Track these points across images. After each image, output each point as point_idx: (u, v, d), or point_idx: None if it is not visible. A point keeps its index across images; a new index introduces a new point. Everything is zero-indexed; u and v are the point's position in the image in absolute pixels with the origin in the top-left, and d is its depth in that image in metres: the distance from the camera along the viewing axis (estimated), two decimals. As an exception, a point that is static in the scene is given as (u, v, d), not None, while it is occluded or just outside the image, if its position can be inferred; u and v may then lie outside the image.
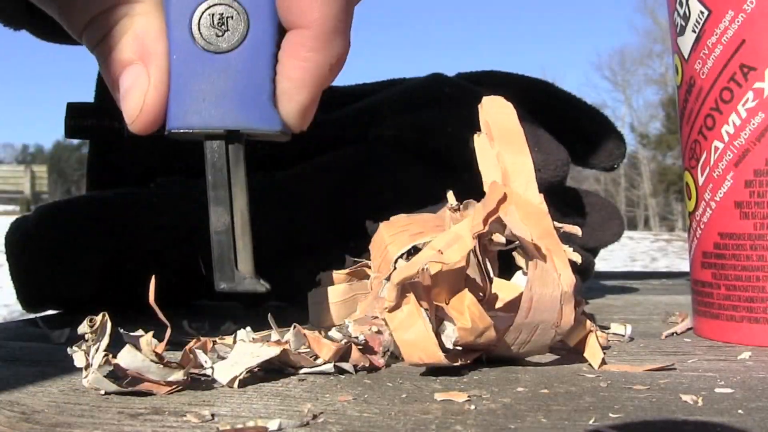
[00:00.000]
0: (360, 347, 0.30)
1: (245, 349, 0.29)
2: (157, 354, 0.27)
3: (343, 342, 0.30)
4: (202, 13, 0.29)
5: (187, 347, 0.29)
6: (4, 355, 0.34)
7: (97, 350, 0.27)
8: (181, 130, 0.29)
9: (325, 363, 0.29)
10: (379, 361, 0.30)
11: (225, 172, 0.30)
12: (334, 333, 0.31)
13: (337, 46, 0.29)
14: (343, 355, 0.30)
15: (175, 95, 0.29)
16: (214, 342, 0.31)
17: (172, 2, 0.29)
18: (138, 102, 0.29)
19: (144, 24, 0.29)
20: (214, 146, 0.30)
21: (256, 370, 0.28)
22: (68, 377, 0.29)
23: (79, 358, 0.27)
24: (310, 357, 0.30)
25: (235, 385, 0.27)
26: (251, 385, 0.28)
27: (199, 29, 0.29)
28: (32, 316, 0.46)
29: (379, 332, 0.31)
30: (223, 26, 0.29)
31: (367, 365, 0.30)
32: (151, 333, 0.28)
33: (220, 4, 0.29)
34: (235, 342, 0.31)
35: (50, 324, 0.43)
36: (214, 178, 0.30)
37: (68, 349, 0.27)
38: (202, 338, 0.31)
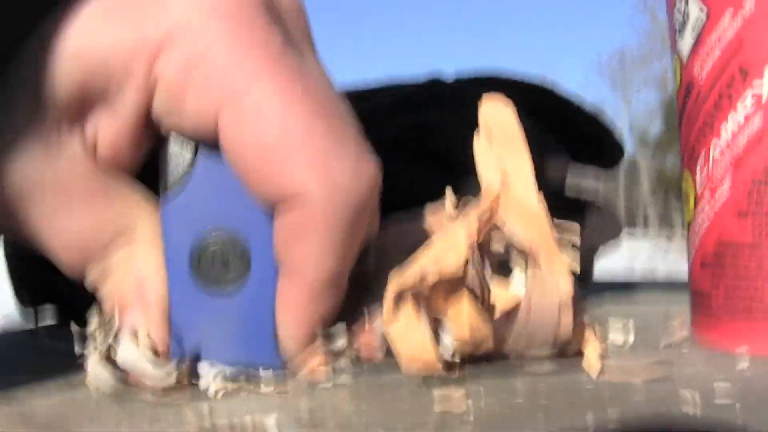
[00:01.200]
0: (353, 345, 0.30)
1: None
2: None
3: (338, 345, 0.30)
4: (202, 253, 0.28)
5: None
6: (3, 355, 0.34)
7: (95, 349, 0.27)
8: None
9: (320, 366, 0.29)
10: (376, 356, 0.30)
11: None
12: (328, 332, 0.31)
13: (331, 298, 0.28)
14: (337, 353, 0.30)
15: (176, 337, 0.28)
16: None
17: (169, 241, 0.28)
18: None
19: (142, 264, 0.28)
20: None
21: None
22: (66, 377, 0.29)
23: (84, 355, 0.27)
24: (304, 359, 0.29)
25: (219, 395, 0.27)
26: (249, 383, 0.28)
27: (199, 269, 0.28)
28: (31, 317, 0.46)
29: (373, 327, 0.31)
30: (224, 267, 0.28)
31: (363, 362, 0.30)
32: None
33: (220, 243, 0.28)
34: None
35: (49, 324, 0.43)
36: None
37: (75, 347, 0.27)
38: None
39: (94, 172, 0.28)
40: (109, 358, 0.27)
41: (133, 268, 0.28)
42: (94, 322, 0.27)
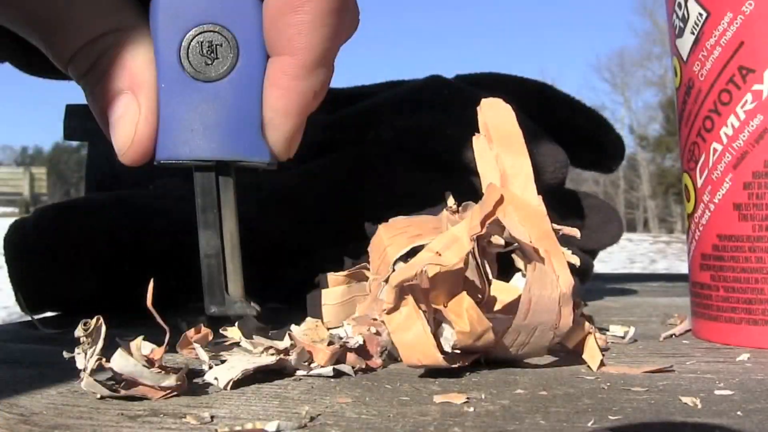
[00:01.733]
0: (355, 349, 0.30)
1: (243, 356, 0.29)
2: (148, 359, 0.27)
3: (338, 346, 0.30)
4: (191, 41, 0.29)
5: (187, 334, 0.29)
6: (3, 356, 0.34)
7: (92, 354, 0.27)
8: (171, 161, 0.29)
9: (322, 367, 0.29)
10: (376, 362, 0.30)
11: (214, 196, 0.30)
12: (332, 332, 0.31)
13: (321, 74, 0.29)
14: (339, 358, 0.30)
15: (164, 125, 0.29)
16: (214, 334, 0.31)
17: (159, 30, 0.29)
18: (129, 133, 0.28)
19: (132, 53, 0.29)
20: (204, 176, 0.30)
21: (252, 372, 0.28)
22: (67, 379, 0.29)
23: (79, 361, 0.27)
24: (306, 362, 0.29)
25: (229, 387, 0.27)
26: (250, 387, 0.28)
27: (188, 57, 0.29)
28: (31, 317, 0.46)
29: (377, 333, 0.31)
30: (212, 54, 0.29)
31: (363, 367, 0.30)
32: (141, 337, 0.28)
33: (210, 32, 0.29)
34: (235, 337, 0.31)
35: (49, 326, 0.43)
36: (204, 202, 0.30)
37: (64, 353, 0.27)
38: (203, 329, 0.31)
39: None
40: (102, 367, 0.27)
41: (123, 58, 0.28)
42: (80, 329, 0.27)
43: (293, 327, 0.32)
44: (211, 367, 0.28)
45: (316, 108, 0.29)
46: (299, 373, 0.29)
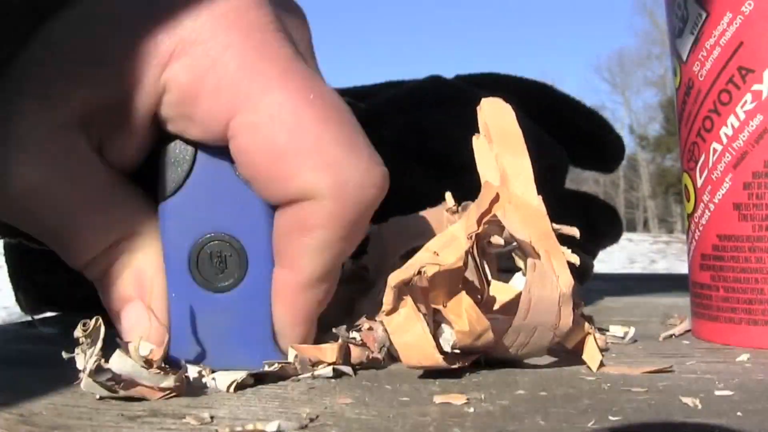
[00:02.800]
0: (357, 344, 0.30)
1: None
2: (146, 360, 0.27)
3: (341, 341, 0.30)
4: (200, 251, 0.29)
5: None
6: (3, 357, 0.34)
7: (91, 354, 0.27)
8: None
9: (325, 367, 0.29)
10: (376, 356, 0.30)
11: None
12: (333, 331, 0.31)
13: (324, 287, 0.29)
14: (344, 355, 0.30)
15: (174, 334, 0.29)
16: None
17: (168, 240, 0.29)
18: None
19: (143, 260, 0.29)
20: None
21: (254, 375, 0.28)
22: (67, 379, 0.29)
23: (79, 361, 0.27)
24: (311, 365, 0.29)
25: (232, 389, 0.27)
26: (250, 388, 0.28)
27: (197, 267, 0.29)
28: (31, 318, 0.46)
29: (370, 329, 0.31)
30: (222, 265, 0.29)
31: (365, 361, 0.30)
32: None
33: (219, 241, 0.29)
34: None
35: (49, 326, 0.43)
36: None
37: (64, 353, 0.27)
38: None
39: (107, 174, 0.28)
40: (101, 368, 0.26)
41: (134, 265, 0.29)
42: (80, 329, 0.27)
43: None
44: (214, 378, 0.28)
45: (323, 309, 0.30)
46: (302, 375, 0.29)
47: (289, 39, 0.28)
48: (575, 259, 0.30)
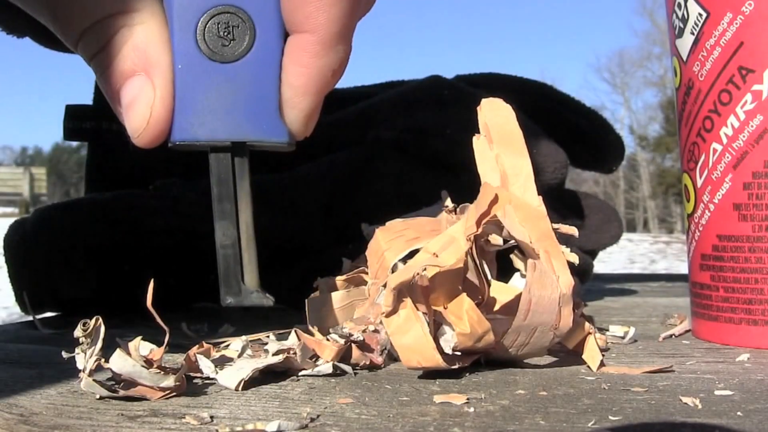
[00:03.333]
0: (358, 345, 0.30)
1: (249, 357, 0.29)
2: (147, 360, 0.27)
3: (342, 342, 0.30)
4: (207, 22, 0.28)
5: (190, 352, 0.29)
6: (3, 357, 0.34)
7: (91, 354, 0.27)
8: (187, 142, 0.29)
9: (325, 363, 0.29)
10: (377, 359, 0.30)
11: (231, 184, 0.30)
12: (333, 334, 0.31)
13: (340, 51, 0.28)
14: (343, 355, 0.30)
15: (180, 106, 0.28)
16: (217, 348, 0.31)
17: (175, 10, 0.28)
18: (144, 115, 0.28)
19: (145, 34, 0.28)
20: (220, 158, 0.29)
21: (261, 371, 0.28)
22: (67, 379, 0.29)
23: (79, 361, 0.27)
24: (311, 359, 0.30)
25: (240, 387, 0.27)
26: (250, 388, 0.28)
27: (204, 38, 0.28)
28: (31, 318, 0.46)
29: (376, 331, 0.31)
30: (228, 35, 0.28)
31: (367, 363, 0.30)
32: (139, 338, 0.28)
33: (226, 13, 0.28)
34: (237, 349, 0.31)
35: (49, 326, 0.43)
36: (220, 191, 0.30)
37: (63, 353, 0.27)
38: (205, 344, 0.30)
39: None
40: (101, 368, 0.26)
41: (135, 38, 0.28)
42: (79, 329, 0.27)
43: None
44: (217, 374, 0.28)
45: (333, 86, 0.29)
46: (303, 372, 0.29)
47: None
48: (575, 259, 0.30)
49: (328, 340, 0.30)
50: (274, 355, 0.29)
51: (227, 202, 0.30)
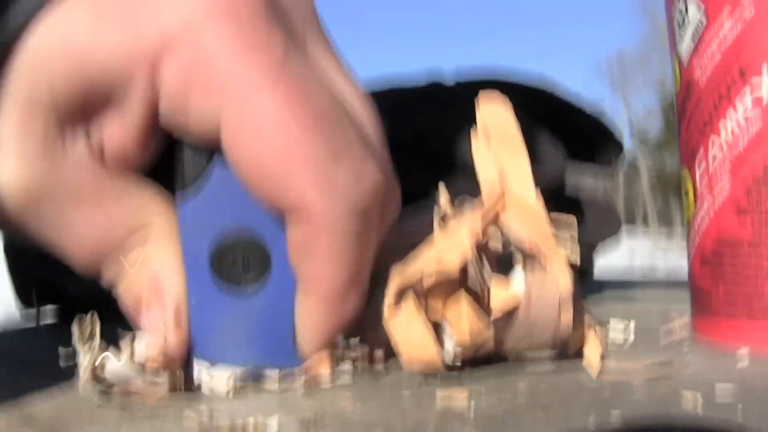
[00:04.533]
0: (356, 350, 0.30)
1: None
2: (142, 360, 0.27)
3: (340, 348, 0.29)
4: (221, 252, 0.28)
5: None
6: (2, 356, 0.34)
7: (88, 353, 0.27)
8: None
9: (332, 365, 0.29)
10: (378, 362, 0.30)
11: None
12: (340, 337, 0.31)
13: (349, 304, 0.28)
14: (341, 359, 0.30)
15: (196, 335, 0.28)
16: None
17: (188, 241, 0.28)
18: (159, 345, 0.28)
19: (158, 260, 0.28)
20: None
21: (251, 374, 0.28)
22: (66, 378, 0.29)
23: (79, 359, 0.27)
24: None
25: (231, 394, 0.27)
26: (248, 386, 0.28)
27: (219, 268, 0.28)
28: (32, 317, 0.46)
29: (376, 334, 0.31)
30: (244, 265, 0.28)
31: (366, 366, 0.30)
32: (132, 338, 0.28)
33: (240, 243, 0.28)
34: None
35: (48, 325, 0.43)
36: None
37: (61, 352, 0.27)
38: None
39: (103, 172, 0.27)
40: (98, 374, 0.26)
41: (149, 266, 0.28)
42: (76, 334, 0.27)
43: None
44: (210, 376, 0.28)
45: (348, 324, 0.29)
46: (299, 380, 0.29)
47: (284, 25, 0.27)
48: (575, 260, 0.30)
49: (336, 342, 0.30)
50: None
51: None
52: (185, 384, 0.27)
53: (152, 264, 0.28)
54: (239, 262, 0.28)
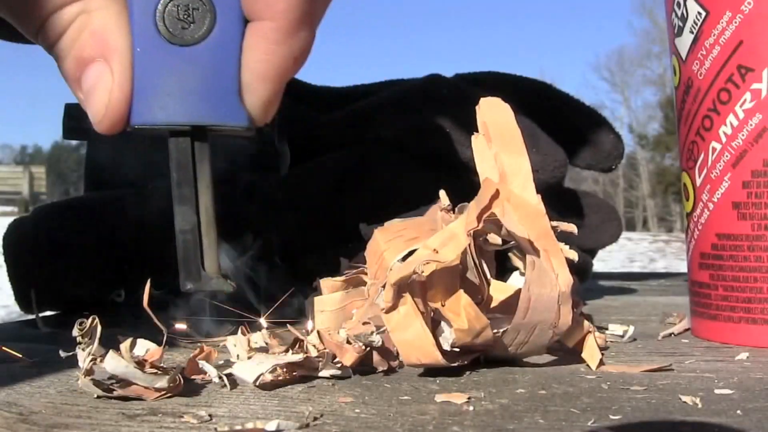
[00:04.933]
0: (378, 349, 0.30)
1: (268, 355, 0.28)
2: (141, 360, 0.27)
3: (363, 346, 0.29)
4: (167, 5, 0.28)
5: (191, 357, 0.29)
6: (2, 356, 0.34)
7: (88, 353, 0.27)
8: (146, 126, 0.28)
9: (344, 367, 0.29)
10: (394, 363, 0.30)
11: (190, 169, 0.29)
12: (352, 338, 0.31)
13: (302, 39, 0.28)
14: (365, 358, 0.29)
15: (139, 90, 0.28)
16: (217, 350, 0.31)
17: None
18: (103, 101, 0.28)
19: (102, 19, 0.28)
20: (180, 143, 0.29)
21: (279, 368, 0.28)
22: (66, 378, 0.29)
23: (79, 360, 0.27)
24: (333, 361, 0.29)
25: (259, 382, 0.27)
26: (248, 386, 0.28)
27: (164, 21, 0.28)
28: (30, 316, 0.46)
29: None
30: (189, 18, 0.28)
31: (386, 368, 0.30)
32: (131, 339, 0.27)
33: None
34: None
35: (48, 325, 0.43)
36: (179, 176, 0.29)
37: (61, 352, 0.27)
38: (205, 347, 0.30)
39: None
40: (97, 374, 0.26)
41: (94, 24, 0.28)
42: (76, 329, 0.27)
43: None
44: (225, 376, 0.28)
45: (295, 74, 0.29)
46: (320, 374, 0.29)
47: None
48: (573, 255, 0.30)
49: (348, 343, 0.30)
50: (294, 353, 0.29)
51: (187, 187, 0.29)
52: (186, 382, 0.27)
53: (96, 20, 0.28)
54: (184, 13, 0.28)
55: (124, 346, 0.27)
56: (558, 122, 0.54)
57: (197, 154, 0.29)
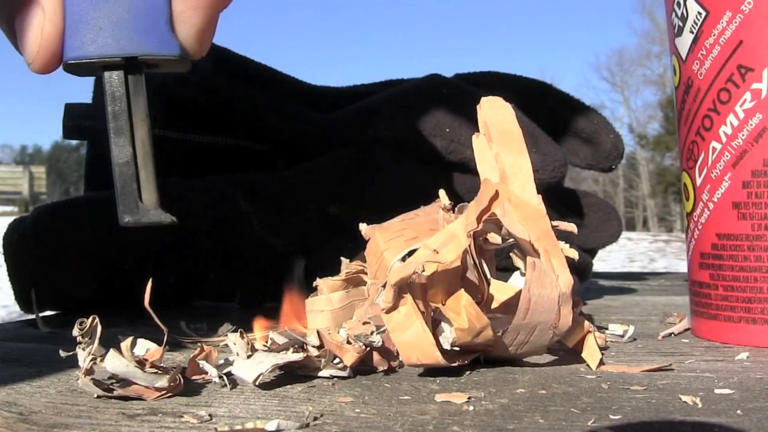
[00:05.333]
0: (378, 349, 0.30)
1: (269, 353, 0.28)
2: (141, 359, 0.27)
3: (363, 346, 0.29)
4: None
5: (192, 357, 0.29)
6: (2, 355, 0.34)
7: (88, 353, 0.27)
8: (78, 61, 0.28)
9: (345, 367, 0.29)
10: (394, 363, 0.30)
11: (125, 101, 0.29)
12: (352, 338, 0.31)
13: None
14: (365, 358, 0.29)
15: (71, 26, 0.28)
16: (217, 350, 0.31)
17: None
18: (36, 39, 0.27)
19: None
20: (113, 77, 0.29)
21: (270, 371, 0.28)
22: (66, 378, 0.29)
23: (79, 359, 0.27)
24: (334, 360, 0.29)
25: (258, 381, 0.27)
26: (248, 386, 0.28)
27: None
28: (30, 316, 0.46)
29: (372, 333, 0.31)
30: None
31: (386, 368, 0.30)
32: (131, 338, 0.27)
33: None
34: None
35: (48, 325, 0.43)
36: (114, 109, 0.29)
37: (61, 352, 0.27)
38: (205, 347, 0.30)
39: None
40: (97, 374, 0.26)
41: None
42: (77, 329, 0.27)
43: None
44: (225, 376, 0.28)
45: (229, 3, 0.28)
46: (319, 374, 0.29)
47: None
48: (573, 254, 0.30)
49: (349, 343, 0.30)
50: (294, 352, 0.29)
51: (122, 119, 0.29)
52: (186, 382, 0.27)
53: None
54: None
55: (125, 345, 0.27)
56: (558, 122, 0.54)
57: (132, 87, 0.29)
